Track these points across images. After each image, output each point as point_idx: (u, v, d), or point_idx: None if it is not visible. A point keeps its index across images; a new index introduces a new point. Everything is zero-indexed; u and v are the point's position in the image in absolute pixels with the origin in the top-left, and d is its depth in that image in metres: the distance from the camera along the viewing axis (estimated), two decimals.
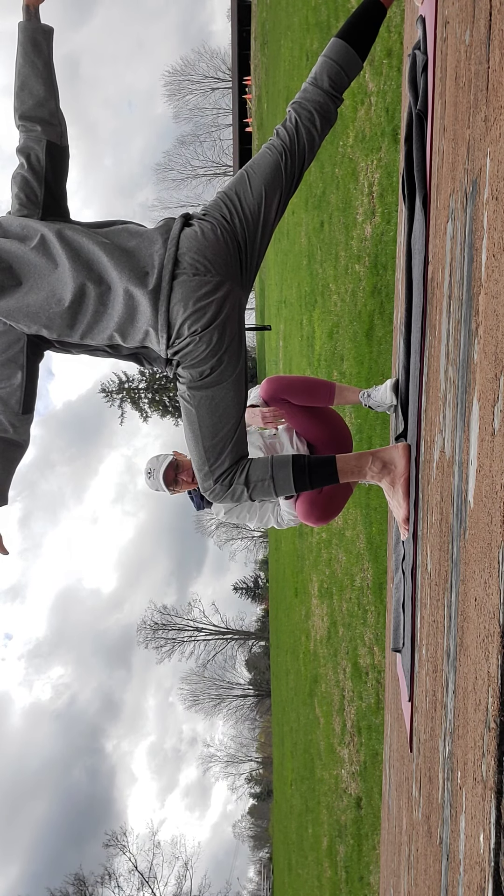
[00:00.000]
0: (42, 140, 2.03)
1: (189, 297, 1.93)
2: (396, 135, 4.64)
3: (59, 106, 2.07)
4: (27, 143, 2.03)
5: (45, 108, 2.03)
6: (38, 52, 2.03)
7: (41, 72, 2.03)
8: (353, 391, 3.06)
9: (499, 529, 0.88)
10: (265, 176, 2.05)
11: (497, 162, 1.00)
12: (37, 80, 2.03)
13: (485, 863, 0.87)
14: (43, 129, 2.03)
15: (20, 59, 2.03)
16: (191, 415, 2.08)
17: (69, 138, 2.12)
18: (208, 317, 1.94)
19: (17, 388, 2.02)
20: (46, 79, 2.03)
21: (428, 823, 1.62)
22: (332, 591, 7.72)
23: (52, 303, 1.92)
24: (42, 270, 1.93)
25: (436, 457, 1.63)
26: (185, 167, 54.69)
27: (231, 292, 2.00)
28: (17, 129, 2.07)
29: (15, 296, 1.92)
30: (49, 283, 1.92)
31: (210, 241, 1.97)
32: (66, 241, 1.93)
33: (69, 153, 2.10)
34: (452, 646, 1.26)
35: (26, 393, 2.04)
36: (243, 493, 2.15)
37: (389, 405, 3.01)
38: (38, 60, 2.03)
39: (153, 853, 43.34)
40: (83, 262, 1.92)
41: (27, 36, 2.02)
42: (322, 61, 2.08)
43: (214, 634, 51.17)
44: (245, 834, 55.03)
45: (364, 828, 5.61)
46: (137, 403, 46.19)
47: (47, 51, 2.04)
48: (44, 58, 2.04)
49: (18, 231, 1.96)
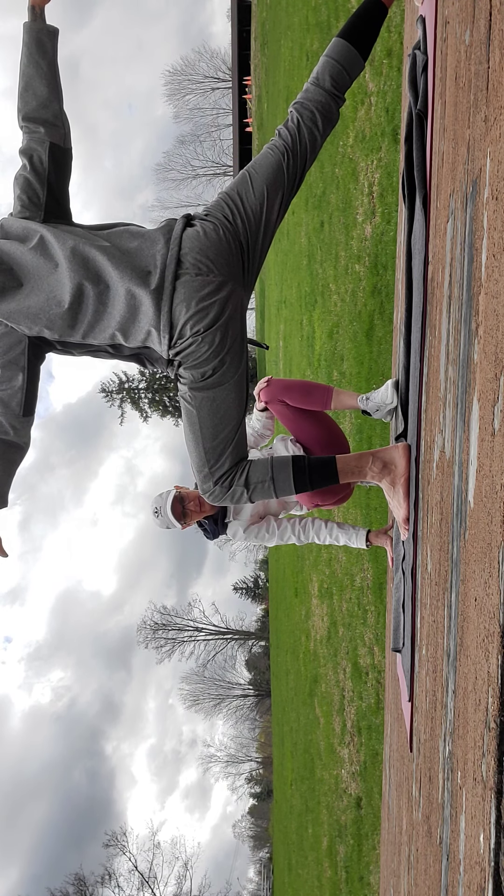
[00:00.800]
0: (45, 141, 2.02)
1: (192, 297, 1.92)
2: (396, 135, 4.64)
3: (63, 107, 2.06)
4: (30, 145, 2.02)
5: (48, 110, 2.02)
6: (42, 52, 2.01)
7: (45, 73, 2.02)
8: (351, 395, 3.07)
9: (499, 529, 0.88)
10: (267, 176, 2.05)
11: (497, 162, 1.00)
12: (41, 81, 2.01)
13: (485, 863, 0.87)
14: (46, 131, 2.02)
15: (24, 60, 2.02)
16: (192, 416, 2.07)
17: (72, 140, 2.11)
18: (211, 317, 1.94)
19: (18, 390, 2.02)
20: (50, 80, 2.02)
21: (428, 823, 1.62)
22: (332, 591, 7.73)
23: (52, 304, 1.92)
24: (41, 272, 1.92)
25: (436, 457, 1.63)
26: (185, 167, 54.74)
27: (234, 293, 1.99)
28: (21, 129, 2.06)
29: (16, 298, 1.92)
30: (48, 284, 1.92)
31: (212, 241, 1.97)
32: (64, 242, 1.93)
33: (72, 155, 2.09)
34: (452, 646, 1.26)
35: (27, 395, 2.03)
36: (243, 495, 2.15)
37: (388, 410, 3.01)
38: (43, 61, 2.02)
39: (153, 853, 43.37)
40: (80, 261, 1.92)
41: (32, 36, 2.01)
42: (324, 61, 2.08)
43: (214, 634, 51.18)
44: (245, 834, 55.06)
45: (364, 828, 5.61)
46: (137, 403, 46.21)
47: (52, 52, 2.03)
48: (48, 59, 2.02)
49: (20, 233, 1.95)
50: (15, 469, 2.14)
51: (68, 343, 2.02)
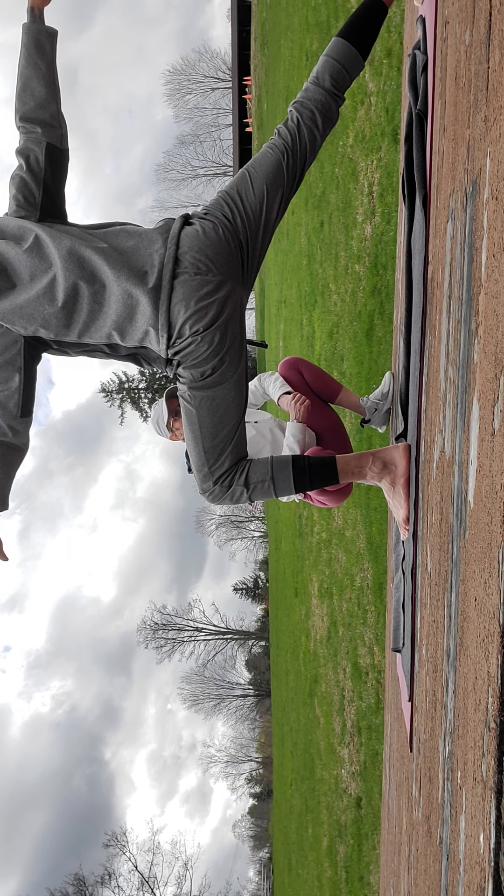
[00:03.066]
0: (42, 142, 2.02)
1: (190, 296, 1.92)
2: (396, 135, 4.64)
3: (61, 108, 2.06)
4: (27, 145, 2.02)
5: (46, 111, 2.02)
6: (41, 53, 2.02)
7: (44, 73, 2.02)
8: (355, 395, 3.29)
9: (499, 529, 0.88)
10: (267, 175, 2.05)
11: (497, 162, 1.00)
12: (39, 81, 2.02)
13: (485, 863, 0.87)
14: (43, 131, 2.02)
15: (23, 61, 2.02)
16: (191, 415, 2.08)
17: (69, 142, 2.12)
18: (210, 317, 1.94)
19: (14, 391, 2.02)
20: (49, 81, 2.03)
21: (428, 823, 1.62)
22: (332, 591, 7.72)
23: (45, 303, 1.92)
24: (36, 271, 1.92)
25: (436, 457, 1.63)
26: (185, 167, 54.75)
27: (233, 292, 1.99)
28: (18, 129, 2.06)
29: (10, 297, 1.92)
30: (42, 283, 1.92)
31: (211, 240, 1.97)
32: (59, 242, 1.93)
33: (69, 156, 2.09)
34: (452, 646, 1.26)
35: (24, 395, 2.03)
36: (243, 495, 2.15)
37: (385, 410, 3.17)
38: (41, 62, 2.02)
39: (153, 853, 43.36)
40: (75, 261, 1.91)
41: (31, 37, 2.01)
42: (323, 60, 2.08)
43: (214, 634, 51.18)
44: (245, 834, 55.05)
45: (364, 828, 5.61)
46: (137, 403, 46.20)
47: (51, 53, 2.04)
48: (47, 60, 2.03)
49: (15, 232, 1.95)
50: (14, 471, 2.13)
51: (64, 342, 2.01)
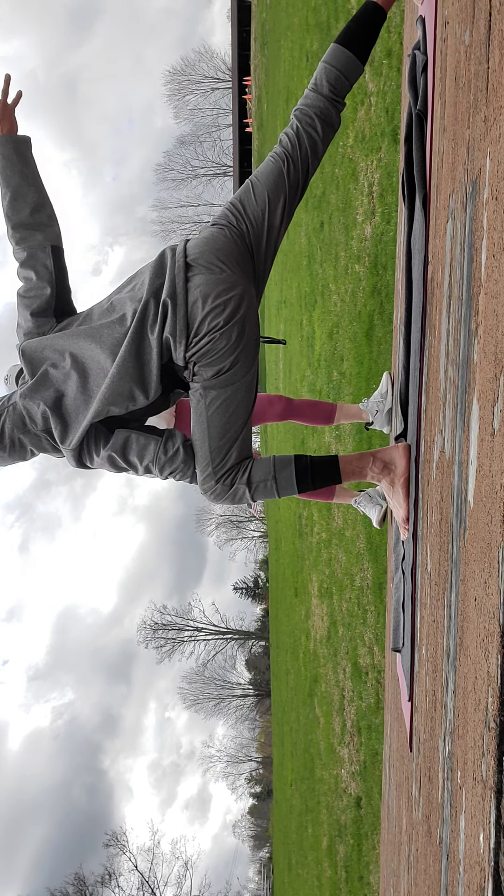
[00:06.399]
0: (46, 246, 2.11)
1: (208, 294, 1.97)
2: (396, 135, 4.64)
3: (52, 206, 2.16)
4: (30, 256, 2.10)
5: (42, 213, 2.12)
6: (24, 161, 2.12)
7: (32, 180, 2.12)
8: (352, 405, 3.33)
9: (499, 529, 0.88)
10: (268, 183, 2.10)
11: (497, 162, 1.00)
12: (29, 188, 2.11)
13: (485, 863, 0.87)
14: (44, 235, 2.11)
15: (7, 171, 2.10)
16: (201, 414, 2.09)
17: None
18: (229, 311, 1.97)
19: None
20: (37, 184, 2.13)
21: (428, 823, 1.62)
22: (332, 591, 7.72)
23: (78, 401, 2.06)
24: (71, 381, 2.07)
25: (436, 457, 1.63)
26: (185, 167, 54.74)
27: (247, 292, 2.03)
28: (11, 239, 2.13)
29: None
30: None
31: (221, 244, 2.02)
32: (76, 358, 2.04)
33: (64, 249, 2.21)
34: (452, 646, 1.26)
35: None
36: (245, 494, 2.16)
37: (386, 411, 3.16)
38: (27, 169, 2.12)
39: (153, 853, 43.35)
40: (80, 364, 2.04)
41: (10, 148, 2.10)
42: (322, 67, 2.10)
43: (214, 634, 51.17)
44: (245, 834, 55.04)
45: (364, 828, 5.61)
46: None
47: (32, 158, 2.14)
48: (31, 166, 2.13)
49: (48, 355, 2.06)
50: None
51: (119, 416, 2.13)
